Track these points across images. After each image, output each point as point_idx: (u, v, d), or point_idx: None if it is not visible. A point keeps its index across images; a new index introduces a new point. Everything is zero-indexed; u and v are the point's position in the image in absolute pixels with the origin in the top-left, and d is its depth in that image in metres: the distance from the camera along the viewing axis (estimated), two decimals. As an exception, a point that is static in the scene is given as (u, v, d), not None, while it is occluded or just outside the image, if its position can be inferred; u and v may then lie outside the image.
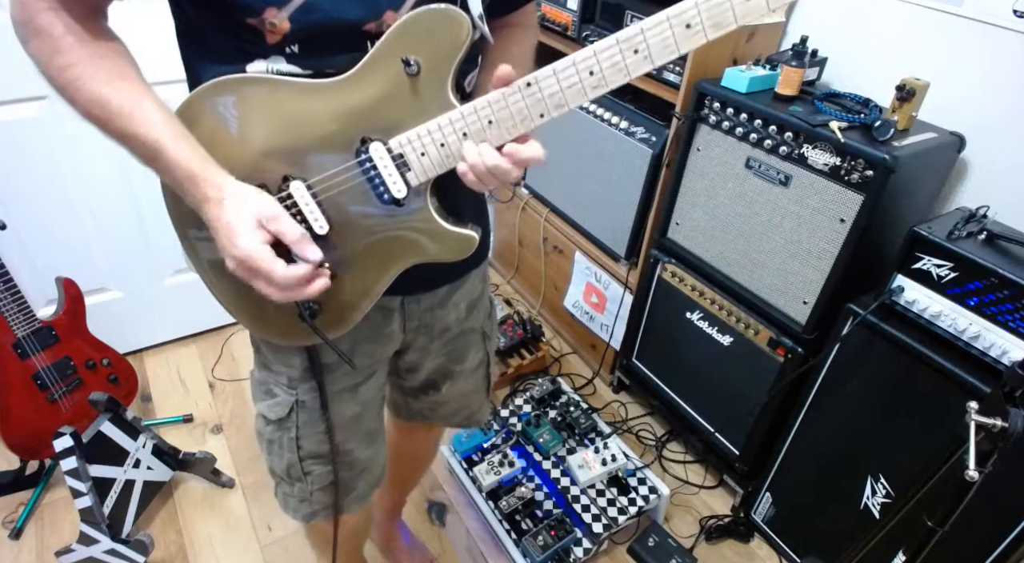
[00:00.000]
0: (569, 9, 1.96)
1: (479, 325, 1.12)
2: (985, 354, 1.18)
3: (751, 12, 0.61)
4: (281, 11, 0.67)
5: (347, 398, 0.98)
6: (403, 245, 0.78)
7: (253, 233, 0.67)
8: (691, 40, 0.63)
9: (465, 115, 0.70)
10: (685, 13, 0.62)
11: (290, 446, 0.97)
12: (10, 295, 1.51)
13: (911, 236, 1.23)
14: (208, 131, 0.72)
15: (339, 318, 0.83)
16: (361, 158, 0.73)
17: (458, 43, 0.68)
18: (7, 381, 1.57)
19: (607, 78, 0.66)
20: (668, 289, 1.82)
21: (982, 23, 1.33)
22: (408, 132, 0.71)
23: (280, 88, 0.71)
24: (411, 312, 0.98)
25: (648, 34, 0.63)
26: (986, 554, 1.22)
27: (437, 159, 0.73)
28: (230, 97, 0.71)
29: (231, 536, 1.70)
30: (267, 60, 0.71)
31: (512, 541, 1.60)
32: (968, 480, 0.78)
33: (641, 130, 1.81)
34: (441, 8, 0.67)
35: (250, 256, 0.67)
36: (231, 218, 0.67)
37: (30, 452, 1.69)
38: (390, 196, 0.74)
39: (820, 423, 1.50)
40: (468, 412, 1.24)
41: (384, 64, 0.69)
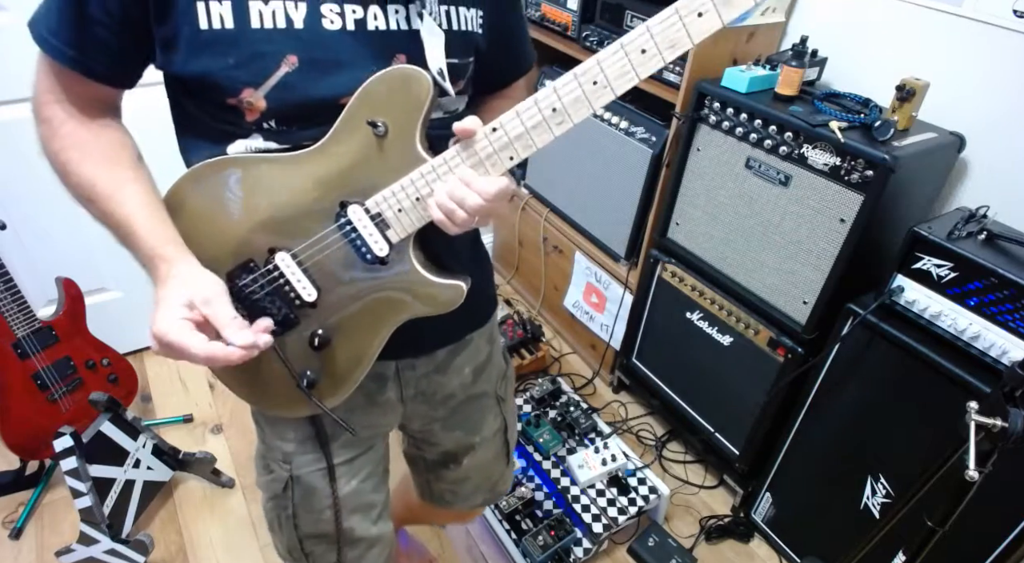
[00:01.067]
0: (569, 9, 1.96)
1: (491, 389, 1.09)
2: (985, 354, 1.18)
3: (705, 31, 0.61)
4: (257, 90, 0.69)
5: (344, 472, 0.96)
6: (392, 303, 0.78)
7: (173, 311, 0.67)
8: (648, 64, 0.65)
9: (436, 167, 0.71)
10: (639, 39, 0.63)
11: (287, 525, 0.97)
12: (10, 295, 1.51)
13: (911, 236, 1.23)
14: (193, 214, 0.74)
15: (334, 386, 0.83)
16: (341, 222, 0.74)
17: (420, 100, 0.69)
18: (7, 381, 1.57)
19: (570, 113, 0.67)
20: (668, 289, 1.82)
21: (982, 23, 1.33)
22: (383, 191, 0.73)
23: (258, 164, 0.73)
24: (407, 379, 0.96)
25: (604, 64, 0.65)
26: (986, 554, 1.22)
27: (414, 214, 0.73)
28: (213, 177, 0.74)
29: (231, 536, 1.70)
30: (246, 140, 0.73)
31: (512, 541, 1.60)
32: (968, 480, 0.78)
33: (641, 130, 1.81)
34: (399, 68, 0.69)
35: (161, 334, 0.66)
36: (162, 296, 0.69)
37: (30, 452, 1.69)
38: (373, 256, 0.75)
39: (820, 423, 1.50)
40: (490, 484, 1.19)
41: (353, 129, 0.71)
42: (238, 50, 0.67)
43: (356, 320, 0.79)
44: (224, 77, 0.68)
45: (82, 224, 1.99)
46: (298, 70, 0.69)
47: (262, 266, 0.76)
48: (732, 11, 0.61)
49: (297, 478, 0.93)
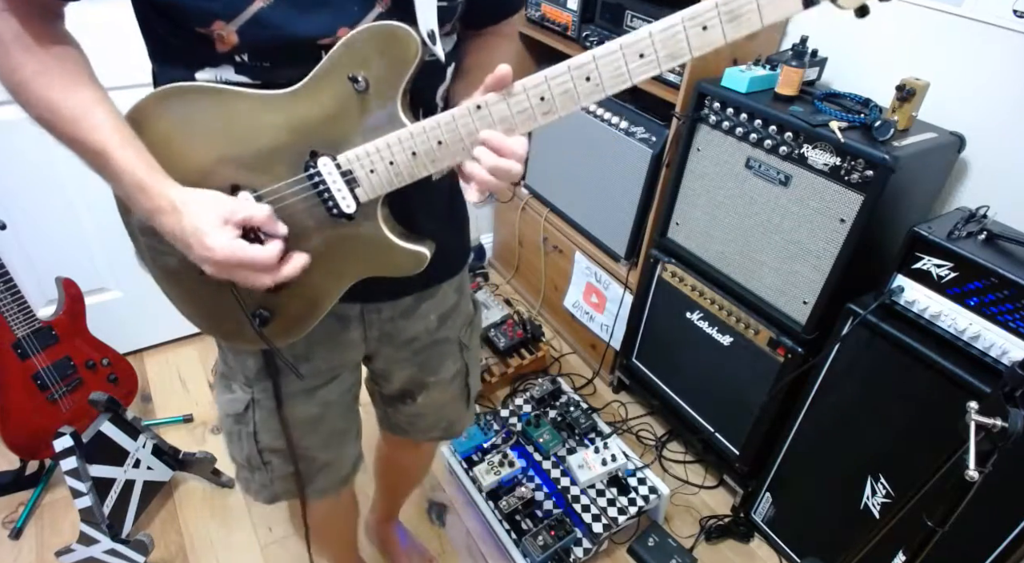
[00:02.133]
0: (569, 9, 1.96)
1: (455, 335, 1.09)
2: (985, 354, 1.18)
3: (707, 45, 0.61)
4: (229, 24, 0.65)
5: (303, 399, 0.97)
6: (353, 258, 0.78)
7: (222, 231, 0.67)
8: (643, 70, 0.63)
9: (414, 134, 0.70)
10: (639, 43, 0.62)
11: (248, 440, 0.99)
12: (10, 295, 1.51)
13: (911, 236, 1.23)
14: (156, 138, 0.71)
15: (290, 326, 0.83)
16: (310, 172, 0.72)
17: (406, 62, 0.67)
18: (7, 381, 1.57)
19: (558, 105, 0.66)
20: (668, 289, 1.82)
21: (982, 23, 1.33)
22: (357, 149, 0.71)
23: (229, 98, 0.70)
24: (371, 321, 0.96)
25: (600, 62, 0.63)
26: (986, 554, 1.22)
27: (386, 177, 0.72)
28: (179, 105, 0.70)
29: (231, 536, 1.70)
30: (216, 69, 0.70)
31: (512, 541, 1.60)
32: (968, 480, 0.78)
33: (641, 130, 1.81)
34: (388, 25, 0.66)
35: (229, 254, 0.67)
36: (196, 224, 0.67)
37: (30, 452, 1.69)
38: (339, 211, 0.74)
39: (820, 423, 1.50)
40: (446, 424, 1.21)
41: (332, 79, 0.68)
42: None
43: (315, 268, 0.77)
44: (192, 6, 0.64)
45: (82, 224, 2.00)
46: (273, 5, 0.65)
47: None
48: (738, 29, 0.60)
49: (258, 401, 0.95)
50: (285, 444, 0.99)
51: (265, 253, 0.69)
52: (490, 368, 2.15)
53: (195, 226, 0.67)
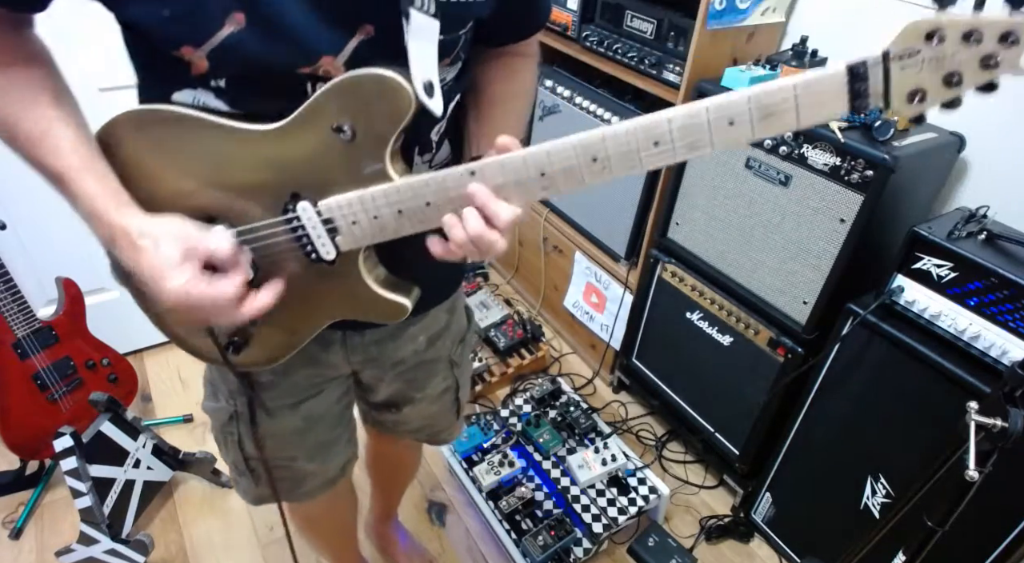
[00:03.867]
0: (569, 9, 1.96)
1: (445, 355, 1.06)
2: (985, 354, 1.18)
3: (731, 141, 0.56)
4: (198, 50, 0.61)
5: (287, 413, 0.95)
6: (332, 301, 0.75)
7: (179, 272, 0.62)
8: (658, 158, 0.58)
9: (401, 190, 0.65)
10: (655, 128, 0.56)
11: (234, 447, 0.98)
12: (10, 295, 1.51)
13: (911, 236, 1.23)
14: (129, 160, 0.67)
15: (266, 354, 0.80)
16: (288, 215, 0.68)
17: (398, 116, 0.62)
18: (7, 381, 1.57)
19: (560, 181, 0.61)
20: (668, 289, 1.82)
21: (982, 23, 1.33)
22: (339, 197, 0.66)
23: (209, 128, 0.65)
24: (354, 345, 0.93)
25: (609, 144, 0.58)
26: (986, 554, 1.22)
27: (369, 230, 0.67)
28: (154, 129, 0.66)
29: (231, 536, 1.70)
30: (194, 91, 0.66)
31: (512, 541, 1.60)
32: (968, 480, 0.78)
33: (641, 130, 1.81)
34: (381, 75, 0.61)
35: (184, 298, 0.62)
36: (153, 263, 0.62)
37: (30, 452, 1.69)
38: (318, 257, 0.70)
39: (820, 423, 1.50)
40: (432, 431, 1.19)
41: (317, 122, 0.64)
42: (173, 1, 0.58)
43: (291, 305, 0.73)
44: (159, 30, 0.60)
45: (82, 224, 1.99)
46: (245, 31, 0.60)
47: None
48: (768, 129, 0.55)
49: (240, 414, 0.94)
50: (270, 455, 0.98)
51: (222, 293, 0.63)
52: (490, 368, 2.15)
53: (151, 264, 0.62)
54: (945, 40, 0.51)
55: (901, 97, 0.54)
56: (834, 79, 0.53)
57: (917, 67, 0.52)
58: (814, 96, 0.53)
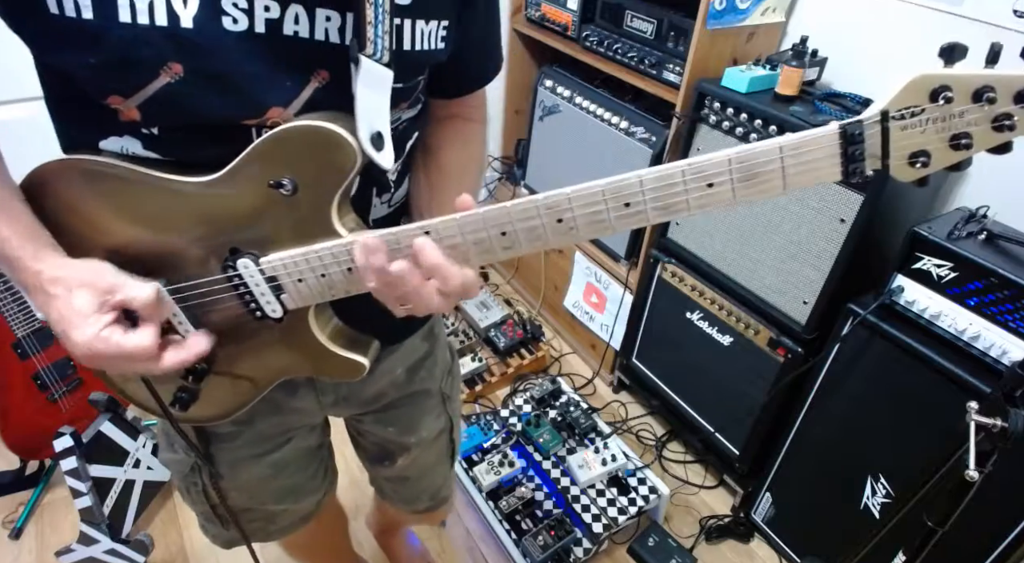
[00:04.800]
0: (569, 9, 1.96)
1: (435, 387, 0.98)
2: (985, 354, 1.18)
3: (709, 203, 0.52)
4: (128, 100, 0.56)
5: (252, 462, 0.89)
6: (283, 359, 0.69)
7: (88, 323, 0.57)
8: (629, 220, 0.54)
9: (347, 245, 0.59)
10: (624, 189, 0.52)
11: (199, 498, 0.92)
12: (10, 295, 1.51)
13: (911, 236, 1.23)
14: (59, 211, 0.62)
15: (217, 408, 0.74)
16: (229, 273, 0.63)
17: (342, 172, 0.58)
18: (7, 381, 1.57)
19: (522, 241, 0.57)
20: (668, 289, 1.82)
21: (982, 23, 1.33)
22: (282, 253, 0.61)
23: (140, 181, 0.60)
24: (323, 387, 0.85)
25: (576, 203, 0.53)
26: (986, 554, 1.22)
27: (317, 289, 0.62)
28: (81, 181, 0.61)
29: (231, 536, 1.70)
30: (121, 139, 0.61)
31: (512, 541, 1.60)
32: (968, 480, 0.78)
33: (641, 130, 1.81)
34: (320, 128, 0.56)
35: (90, 348, 0.57)
36: (63, 311, 0.57)
37: (30, 452, 1.69)
38: (264, 314, 0.65)
39: (820, 423, 1.50)
40: (432, 489, 1.13)
41: (254, 175, 0.59)
42: (100, 49, 0.52)
43: (240, 364, 0.69)
44: (85, 78, 0.55)
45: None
46: (183, 81, 0.54)
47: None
48: (749, 190, 0.50)
49: (201, 466, 0.88)
50: (238, 504, 0.93)
51: (136, 346, 0.58)
52: (490, 368, 2.15)
53: (61, 315, 0.58)
54: (953, 100, 0.46)
55: (902, 160, 0.48)
56: (825, 141, 0.48)
57: (920, 127, 0.46)
58: (803, 159, 0.48)
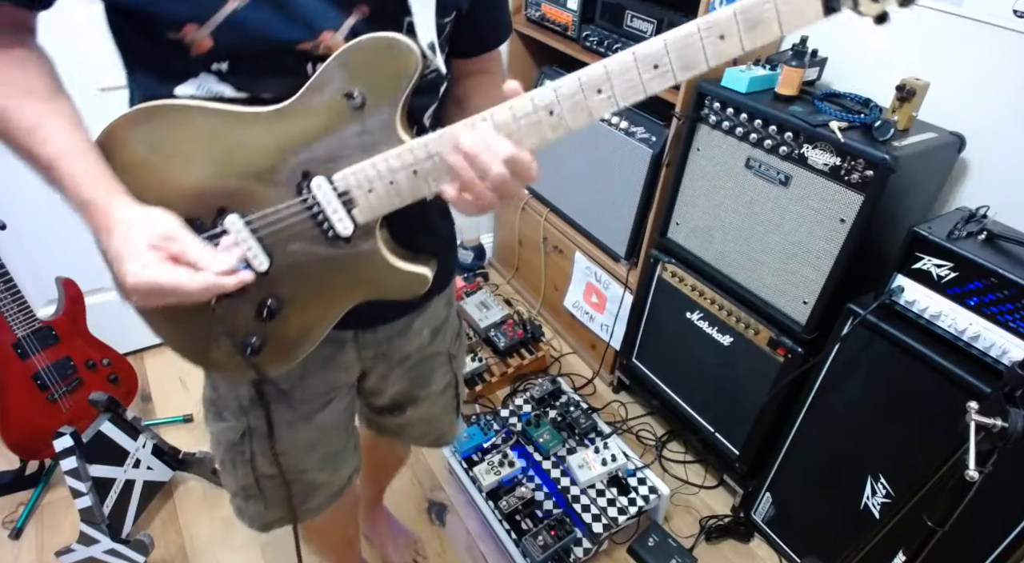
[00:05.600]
0: (569, 9, 1.96)
1: (444, 349, 1.08)
2: (985, 354, 1.18)
3: (723, 55, 0.59)
4: (202, 28, 0.61)
5: (302, 426, 0.95)
6: (351, 283, 0.74)
7: (140, 257, 0.62)
8: (659, 81, 0.60)
9: (415, 150, 0.65)
10: (655, 54, 0.59)
11: (244, 468, 0.96)
12: (10, 295, 1.51)
13: (911, 236, 1.23)
14: (134, 161, 0.67)
15: (282, 354, 0.79)
16: (304, 195, 0.68)
17: (406, 75, 0.64)
18: (7, 381, 1.57)
19: (568, 118, 0.63)
20: (668, 289, 1.82)
21: (982, 23, 1.33)
22: (353, 167, 0.66)
23: (213, 116, 0.66)
24: (366, 342, 0.94)
25: (613, 74, 0.60)
26: (986, 554, 1.22)
27: (386, 197, 0.68)
28: (158, 124, 0.66)
29: (231, 536, 1.70)
30: (197, 79, 0.65)
31: (512, 541, 1.60)
32: (968, 480, 0.78)
33: (641, 130, 1.81)
34: (387, 37, 0.62)
35: (145, 282, 0.62)
36: (119, 246, 0.63)
37: (30, 452, 1.69)
38: (335, 233, 0.70)
39: (820, 423, 1.50)
40: (436, 434, 1.21)
41: (326, 94, 0.65)
42: None
43: (309, 295, 0.74)
44: (162, 8, 0.60)
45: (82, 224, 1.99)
46: (249, 5, 0.61)
47: (209, 227, 0.69)
48: (755, 39, 0.57)
49: (254, 429, 0.92)
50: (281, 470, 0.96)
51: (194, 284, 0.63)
52: (490, 368, 2.15)
53: (117, 250, 0.63)
54: None
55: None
56: None
57: None
58: (793, 3, 0.56)
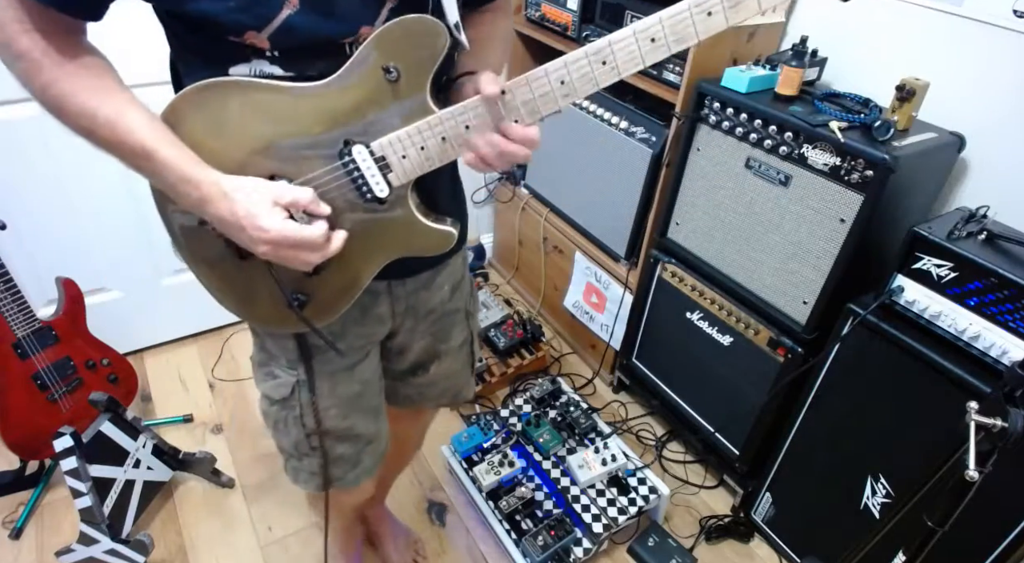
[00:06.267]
0: (569, 9, 1.96)
1: (462, 305, 1.16)
2: (985, 354, 1.18)
3: (711, 29, 0.68)
4: (261, 33, 0.70)
5: (345, 378, 1.02)
6: (386, 240, 0.83)
7: (273, 213, 0.71)
8: (655, 53, 0.70)
9: (444, 120, 0.75)
10: (651, 28, 0.69)
11: (296, 423, 1.02)
12: (10, 295, 1.51)
13: (911, 236, 1.23)
14: (194, 132, 0.74)
15: (326, 307, 0.88)
16: (345, 160, 0.77)
17: (436, 52, 0.72)
18: (7, 381, 1.57)
19: (577, 88, 0.73)
20: (668, 289, 1.82)
21: (982, 23, 1.33)
22: (389, 136, 0.76)
23: (264, 91, 0.74)
24: (398, 295, 1.01)
25: (615, 46, 0.70)
26: (986, 554, 1.22)
27: (418, 161, 0.77)
28: (216, 99, 0.74)
29: (231, 536, 1.70)
30: (249, 63, 0.74)
31: (512, 541, 1.60)
32: (968, 480, 0.78)
33: (641, 130, 1.81)
34: (421, 18, 0.71)
35: (284, 235, 0.71)
36: (248, 208, 0.71)
37: (30, 452, 1.69)
38: (373, 195, 0.79)
39: (820, 423, 1.50)
40: (455, 390, 1.27)
41: (365, 70, 0.73)
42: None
43: (350, 252, 0.81)
44: (226, 19, 0.68)
45: (82, 224, 1.99)
46: (300, 12, 0.69)
47: None
48: (738, 15, 0.66)
49: (304, 382, 0.99)
50: (333, 425, 1.03)
51: (314, 232, 0.73)
52: (490, 368, 2.15)
53: (247, 210, 0.71)
54: None
55: None
56: None
57: None
58: None
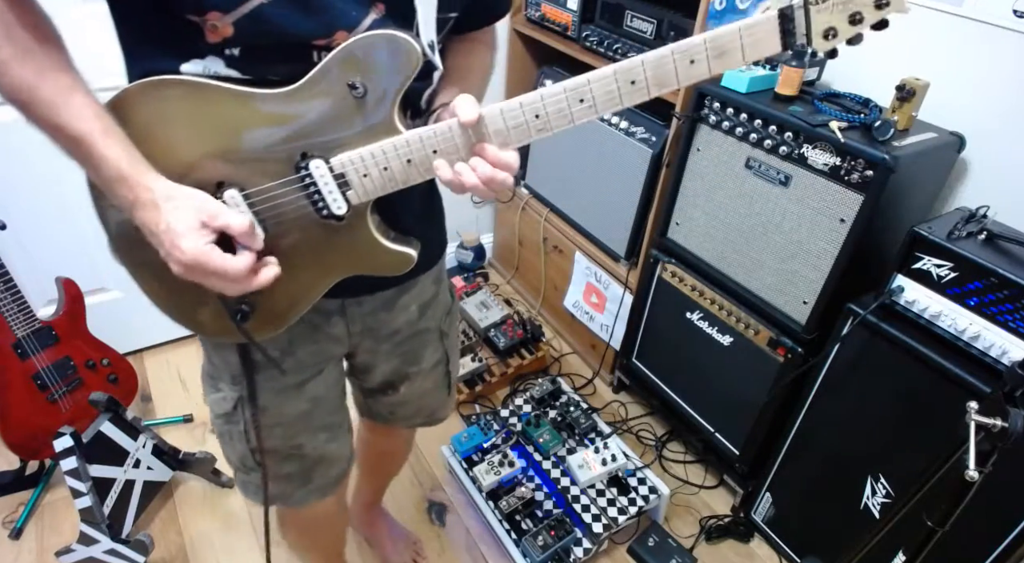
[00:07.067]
0: (569, 9, 1.96)
1: (434, 325, 1.11)
2: (985, 354, 1.18)
3: (693, 77, 0.66)
4: (226, 16, 0.65)
5: (293, 395, 0.97)
6: (340, 258, 0.79)
7: (196, 235, 0.66)
8: (634, 96, 0.68)
9: (410, 142, 0.71)
10: (632, 70, 0.66)
11: (240, 438, 0.98)
12: (10, 295, 1.51)
13: (911, 236, 1.23)
14: (141, 129, 0.69)
15: (270, 320, 0.83)
16: (301, 174, 0.72)
17: (407, 71, 0.69)
18: (7, 381, 1.57)
19: (552, 123, 0.70)
20: (668, 289, 1.82)
21: (982, 23, 1.33)
22: (351, 152, 0.71)
23: (219, 94, 0.69)
24: (353, 315, 0.97)
25: (594, 85, 0.68)
26: (986, 554, 1.22)
27: (380, 182, 0.73)
28: (166, 97, 0.69)
29: (231, 536, 1.70)
30: (203, 60, 0.69)
31: (512, 541, 1.60)
32: (968, 480, 0.78)
33: (641, 130, 1.82)
34: (392, 35, 0.67)
35: (198, 261, 0.66)
36: (171, 222, 0.66)
37: (30, 452, 1.69)
38: (329, 212, 0.74)
39: (820, 423, 1.50)
40: (428, 411, 1.23)
41: (330, 82, 0.69)
42: None
43: (300, 267, 0.77)
44: None
45: (82, 224, 1.99)
46: (275, 2, 0.65)
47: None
48: (722, 65, 0.65)
49: (246, 399, 0.93)
50: (278, 444, 0.98)
51: (236, 264, 0.68)
52: (490, 368, 2.15)
53: (169, 225, 0.66)
54: None
55: (819, 35, 0.65)
56: (770, 24, 0.64)
57: (830, 10, 0.64)
58: (755, 36, 0.64)
